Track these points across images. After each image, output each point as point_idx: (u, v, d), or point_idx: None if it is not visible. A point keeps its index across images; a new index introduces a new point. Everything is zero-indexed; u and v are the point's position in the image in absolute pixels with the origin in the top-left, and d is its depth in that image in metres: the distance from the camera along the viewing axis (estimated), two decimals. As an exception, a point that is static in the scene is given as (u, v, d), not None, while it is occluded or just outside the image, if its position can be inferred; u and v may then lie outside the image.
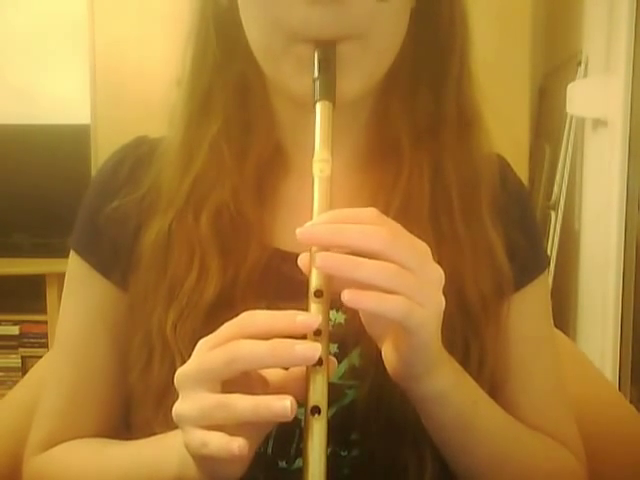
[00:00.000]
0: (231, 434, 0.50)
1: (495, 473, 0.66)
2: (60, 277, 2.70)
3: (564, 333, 1.13)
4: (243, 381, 0.51)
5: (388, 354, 0.56)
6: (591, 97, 2.38)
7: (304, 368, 0.53)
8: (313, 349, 0.48)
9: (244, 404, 0.48)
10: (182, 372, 0.52)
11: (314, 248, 0.50)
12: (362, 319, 0.57)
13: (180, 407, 0.51)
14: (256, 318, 0.50)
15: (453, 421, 0.61)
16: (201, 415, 0.50)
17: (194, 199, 0.69)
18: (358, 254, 0.49)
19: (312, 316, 0.49)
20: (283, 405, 0.47)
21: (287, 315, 0.49)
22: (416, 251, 0.51)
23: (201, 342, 0.52)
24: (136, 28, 2.54)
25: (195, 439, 0.50)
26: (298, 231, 0.49)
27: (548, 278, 0.80)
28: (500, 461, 0.66)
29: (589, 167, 2.51)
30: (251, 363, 0.49)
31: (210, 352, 0.50)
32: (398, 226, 0.52)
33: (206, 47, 0.69)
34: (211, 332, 0.52)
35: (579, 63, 2.50)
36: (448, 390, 0.59)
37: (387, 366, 0.57)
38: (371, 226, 0.49)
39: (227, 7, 0.67)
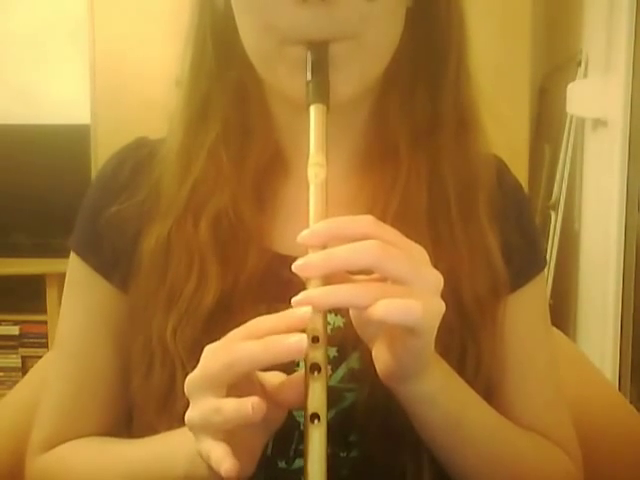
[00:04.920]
0: (238, 440, 0.51)
1: (486, 473, 0.66)
2: (60, 277, 2.70)
3: (564, 333, 1.13)
4: (247, 388, 0.52)
5: (379, 355, 0.57)
6: (591, 97, 2.38)
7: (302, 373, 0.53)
8: (301, 339, 0.48)
9: (230, 406, 0.49)
10: (189, 379, 0.52)
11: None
12: (353, 321, 0.57)
13: (189, 414, 0.52)
14: (261, 323, 0.50)
15: (441, 422, 0.62)
16: (202, 421, 0.50)
17: (193, 205, 0.69)
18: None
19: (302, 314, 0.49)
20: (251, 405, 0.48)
21: (288, 315, 0.49)
22: (410, 261, 0.50)
23: (207, 349, 0.52)
24: (136, 28, 2.54)
25: (202, 449, 0.51)
26: (294, 266, 0.49)
27: (545, 279, 0.80)
28: (490, 462, 0.66)
29: (589, 167, 2.51)
30: (249, 363, 0.49)
31: (213, 357, 0.51)
32: (393, 233, 0.51)
33: (203, 54, 0.69)
34: (210, 338, 0.52)
35: (579, 63, 2.49)
36: (436, 392, 0.59)
37: (377, 367, 0.57)
38: (360, 243, 0.49)
39: (223, 14, 0.67)
